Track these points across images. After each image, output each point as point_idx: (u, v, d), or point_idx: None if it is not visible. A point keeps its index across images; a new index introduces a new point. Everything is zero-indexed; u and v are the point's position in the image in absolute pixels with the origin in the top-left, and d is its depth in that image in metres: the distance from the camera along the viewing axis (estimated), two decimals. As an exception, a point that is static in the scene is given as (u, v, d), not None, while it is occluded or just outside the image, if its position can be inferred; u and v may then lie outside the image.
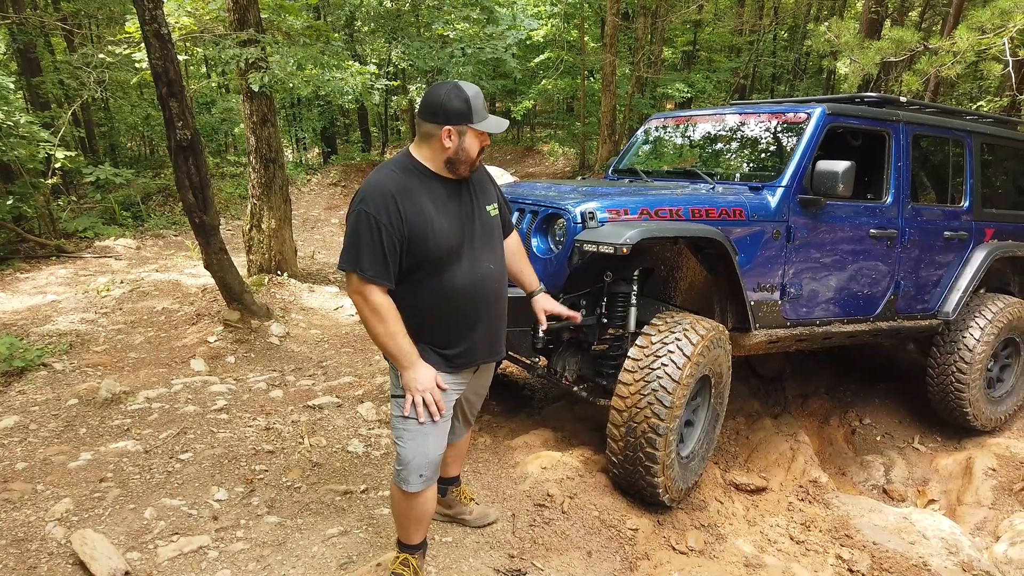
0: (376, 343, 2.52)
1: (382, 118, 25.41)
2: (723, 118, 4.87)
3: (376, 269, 2.40)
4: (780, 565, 3.36)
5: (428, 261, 2.50)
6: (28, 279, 8.59)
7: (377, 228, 2.39)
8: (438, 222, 2.50)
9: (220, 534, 3.06)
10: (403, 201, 2.43)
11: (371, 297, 2.42)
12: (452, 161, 2.51)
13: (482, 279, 2.63)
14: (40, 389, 4.66)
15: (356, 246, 2.40)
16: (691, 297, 4.14)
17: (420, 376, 2.50)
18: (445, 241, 2.50)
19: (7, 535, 2.98)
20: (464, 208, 2.60)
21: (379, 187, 2.44)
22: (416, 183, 2.50)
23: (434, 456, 2.62)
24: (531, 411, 4.84)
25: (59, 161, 9.72)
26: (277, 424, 4.13)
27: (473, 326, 2.64)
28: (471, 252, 2.59)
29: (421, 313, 2.55)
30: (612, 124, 15.24)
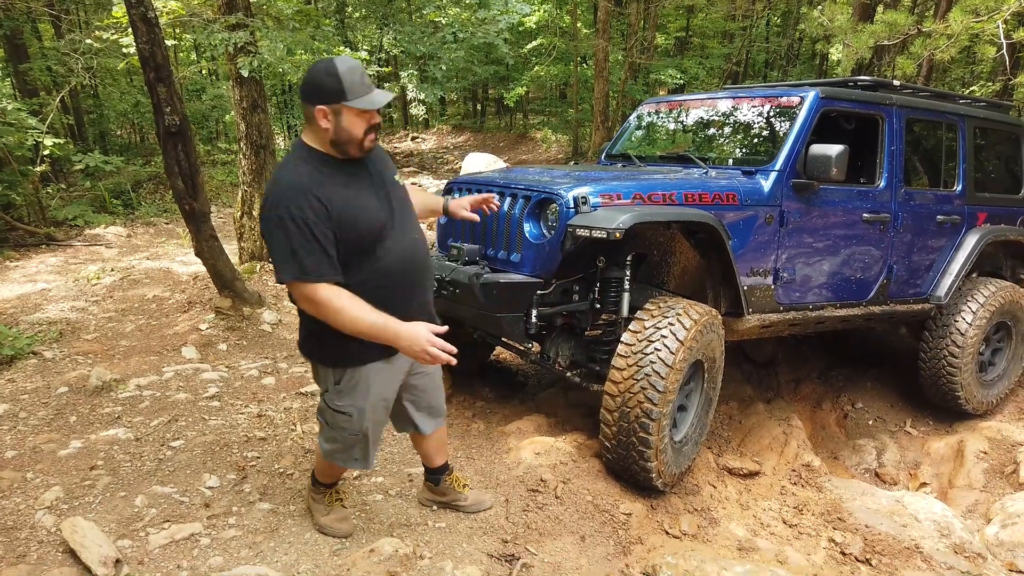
0: (351, 333, 2.41)
1: (374, 105, 25.27)
2: (716, 102, 4.85)
3: (320, 266, 2.33)
4: (773, 548, 3.37)
5: (359, 246, 2.44)
6: (18, 267, 8.52)
7: (305, 225, 2.30)
8: (359, 203, 2.45)
9: (212, 521, 3.04)
10: (320, 192, 2.35)
11: (322, 296, 2.34)
12: (335, 143, 2.42)
13: (412, 251, 2.61)
14: (30, 377, 4.63)
15: (290, 252, 2.31)
16: (684, 282, 4.14)
17: (415, 337, 2.35)
18: (372, 221, 2.46)
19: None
20: (375, 184, 2.54)
21: (292, 186, 2.35)
22: (322, 170, 2.42)
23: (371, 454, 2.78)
24: (524, 397, 4.84)
25: (48, 148, 9.62)
26: (269, 411, 4.11)
27: (410, 301, 2.61)
28: (395, 227, 2.55)
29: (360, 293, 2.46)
30: (605, 110, 15.19)
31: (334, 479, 3.06)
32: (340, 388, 2.61)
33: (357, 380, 2.60)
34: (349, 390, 2.61)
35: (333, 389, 2.63)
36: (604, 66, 14.85)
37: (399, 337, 2.36)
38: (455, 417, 4.39)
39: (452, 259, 3.87)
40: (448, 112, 27.98)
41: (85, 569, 2.66)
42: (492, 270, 3.71)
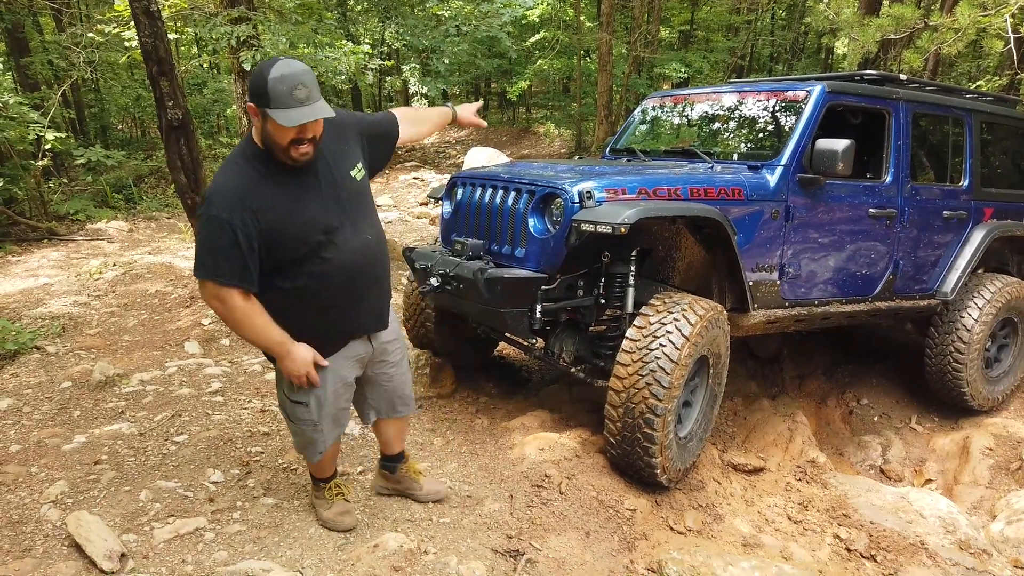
0: (249, 341, 2.58)
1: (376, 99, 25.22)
2: (721, 96, 4.82)
3: (233, 273, 2.33)
4: (778, 544, 3.36)
5: (296, 252, 2.43)
6: (20, 262, 8.52)
7: (231, 231, 2.29)
8: (297, 209, 2.41)
9: (216, 516, 3.04)
10: (253, 197, 2.33)
11: (230, 301, 2.36)
12: (266, 146, 2.37)
13: (363, 253, 2.59)
14: (33, 372, 4.63)
15: (210, 252, 2.33)
16: (689, 277, 4.12)
17: (298, 355, 2.49)
18: (309, 227, 2.43)
19: (2, 517, 2.95)
20: (323, 185, 2.49)
21: (226, 187, 2.34)
22: (262, 171, 2.39)
23: (330, 441, 2.83)
24: (528, 392, 4.83)
25: (49, 143, 9.62)
26: (272, 406, 4.10)
27: (357, 304, 2.63)
28: (345, 229, 2.52)
29: (304, 303, 2.51)
30: (609, 104, 15.16)
31: (328, 473, 3.06)
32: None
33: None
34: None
35: (285, 380, 2.66)
36: (608, 60, 14.81)
37: (287, 356, 2.50)
38: (458, 413, 4.38)
39: (456, 254, 3.86)
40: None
41: (90, 563, 2.66)
42: (496, 265, 3.70)
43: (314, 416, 2.71)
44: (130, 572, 2.65)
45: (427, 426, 4.11)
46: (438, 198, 4.50)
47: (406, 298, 4.84)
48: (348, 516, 3.02)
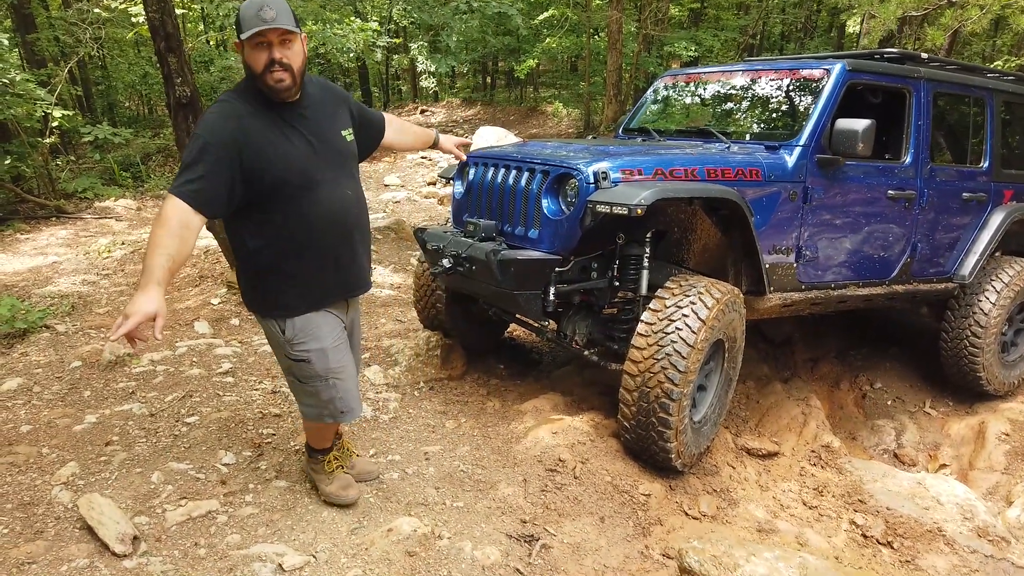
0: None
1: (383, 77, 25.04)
2: (738, 75, 4.73)
3: (189, 187, 2.32)
4: (793, 530, 3.33)
5: (279, 189, 2.47)
6: (28, 240, 8.51)
7: (210, 152, 2.34)
8: (279, 147, 2.47)
9: (229, 498, 3.02)
10: (239, 127, 2.40)
11: (165, 208, 2.32)
12: (251, 79, 2.47)
13: (342, 206, 2.64)
14: (43, 351, 4.61)
15: (184, 166, 2.36)
16: (704, 260, 4.06)
17: (143, 300, 2.17)
18: (289, 168, 2.48)
19: (13, 499, 2.94)
20: (307, 133, 2.55)
21: (216, 112, 2.41)
22: (252, 106, 2.46)
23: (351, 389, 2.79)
24: (539, 375, 4.80)
25: (57, 120, 9.56)
26: (284, 388, 4.07)
27: (328, 257, 2.65)
28: (326, 179, 2.58)
29: (286, 245, 2.55)
30: (618, 83, 14.98)
31: (327, 442, 3.03)
32: (289, 338, 2.65)
33: (302, 326, 2.64)
34: (300, 337, 2.64)
35: (285, 341, 2.66)
36: (618, 38, 14.61)
37: (144, 291, 2.20)
38: (469, 395, 4.35)
39: (468, 235, 3.81)
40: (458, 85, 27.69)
41: (103, 546, 2.64)
42: (509, 246, 3.64)
43: (319, 370, 2.69)
44: (143, 555, 2.64)
45: (438, 408, 4.08)
46: (449, 178, 4.44)
47: (416, 279, 4.80)
48: (351, 489, 3.01)
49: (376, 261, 7.51)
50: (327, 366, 2.70)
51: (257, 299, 2.68)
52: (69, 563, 2.57)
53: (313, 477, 3.08)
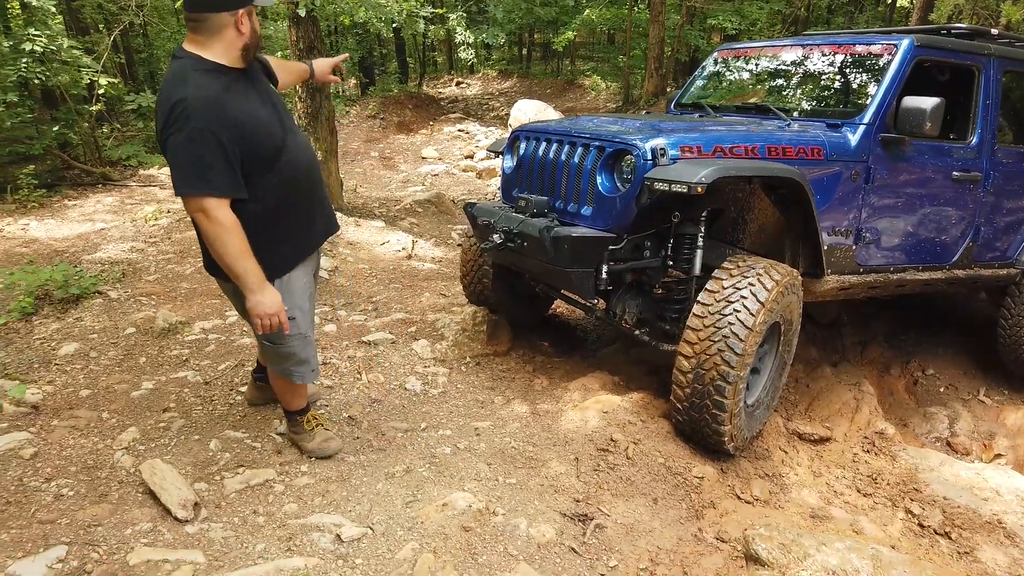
0: (223, 264, 2.50)
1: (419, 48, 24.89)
2: (798, 49, 4.59)
3: (227, 183, 2.40)
4: (847, 518, 3.28)
5: (266, 157, 2.54)
6: (76, 206, 8.65)
7: (216, 140, 2.35)
8: (258, 114, 2.53)
9: (284, 468, 3.05)
10: (227, 105, 2.40)
11: (219, 214, 2.39)
12: (247, 47, 2.50)
13: (308, 156, 2.77)
14: (97, 317, 4.69)
15: (198, 166, 2.35)
16: (760, 240, 3.98)
17: (269, 300, 2.53)
18: (272, 132, 2.56)
19: (77, 462, 3.01)
20: (264, 95, 2.64)
21: (204, 99, 2.36)
22: (226, 83, 2.45)
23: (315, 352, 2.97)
24: (585, 353, 4.77)
25: (102, 87, 9.64)
26: (334, 359, 4.10)
27: (317, 198, 2.82)
28: (289, 133, 2.67)
29: (276, 207, 2.61)
30: (659, 57, 14.73)
31: (303, 400, 3.12)
32: None
33: (288, 284, 2.74)
34: (286, 295, 2.70)
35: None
36: (660, 10, 14.34)
37: (258, 292, 2.51)
38: (516, 371, 4.34)
39: (519, 210, 3.77)
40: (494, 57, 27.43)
41: (165, 511, 2.69)
42: (560, 223, 3.60)
43: (302, 328, 2.82)
44: (204, 521, 2.68)
45: (486, 384, 4.08)
46: (499, 152, 4.39)
47: (463, 253, 4.78)
48: (332, 441, 3.16)
49: (417, 234, 7.51)
50: (307, 322, 2.86)
51: None
52: (133, 526, 2.62)
53: (295, 439, 3.17)
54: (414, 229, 7.70)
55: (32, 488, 2.83)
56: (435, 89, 23.03)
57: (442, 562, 2.50)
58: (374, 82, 21.46)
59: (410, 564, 2.48)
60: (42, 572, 2.36)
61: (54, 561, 2.41)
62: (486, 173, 11.47)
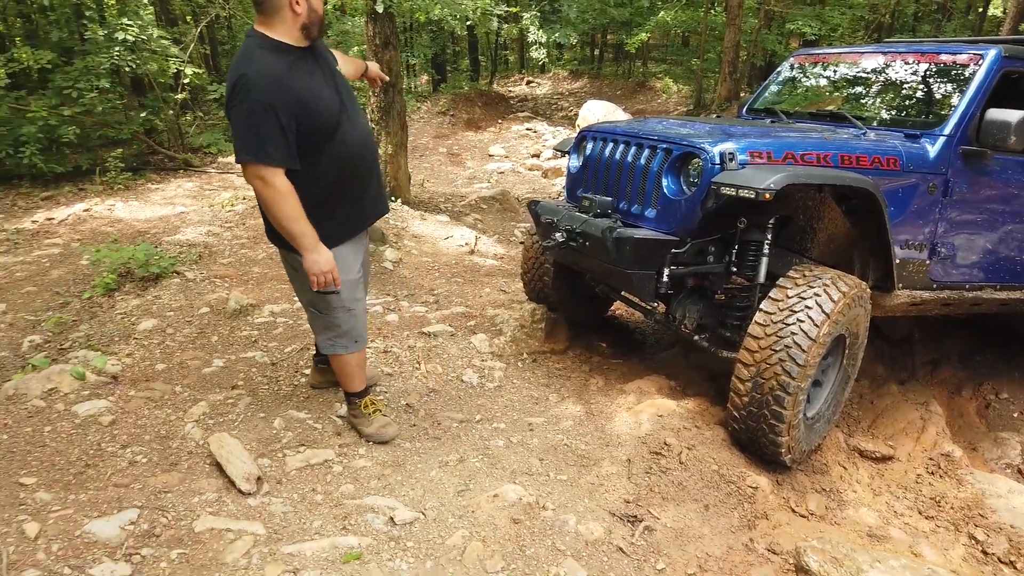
0: (279, 226, 2.69)
1: (492, 47, 25.06)
2: (877, 57, 4.47)
3: (281, 154, 2.56)
4: (906, 540, 3.18)
5: (322, 132, 2.68)
6: (158, 190, 9.04)
7: (274, 113, 2.50)
8: (319, 92, 2.67)
9: (343, 450, 3.15)
10: (288, 81, 2.55)
11: (276, 181, 2.57)
12: (307, 27, 2.64)
13: (364, 135, 2.90)
14: (174, 296, 4.91)
15: (257, 135, 2.51)
16: (829, 250, 3.88)
17: (323, 259, 2.72)
18: (330, 108, 2.70)
19: (151, 431, 3.17)
20: (327, 73, 2.77)
21: (265, 74, 2.52)
22: (288, 61, 2.60)
23: (363, 319, 3.11)
24: (643, 356, 4.75)
25: (188, 77, 10.05)
26: (394, 348, 4.20)
27: (368, 182, 2.95)
28: (348, 113, 2.80)
29: (329, 183, 2.76)
30: (734, 61, 14.47)
31: (360, 383, 3.24)
32: None
33: (337, 259, 2.83)
34: None
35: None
36: (737, 13, 14.09)
37: (313, 251, 2.70)
38: (572, 370, 4.36)
39: (583, 210, 3.78)
40: (565, 57, 27.41)
41: (230, 483, 2.82)
42: (624, 224, 3.60)
43: (346, 301, 2.98)
44: (265, 495, 2.80)
45: (542, 381, 4.11)
46: (565, 151, 4.41)
47: (525, 251, 4.82)
48: (390, 427, 3.27)
49: (480, 230, 7.59)
50: (352, 295, 2.99)
51: None
52: (200, 495, 2.75)
53: (354, 423, 3.30)
54: (478, 225, 7.78)
55: (109, 453, 3.00)
56: (505, 87, 23.16)
57: (490, 551, 2.55)
58: (445, 79, 21.73)
59: (459, 551, 2.54)
60: (115, 532, 2.51)
61: (126, 523, 2.55)
62: (552, 172, 11.48)
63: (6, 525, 2.52)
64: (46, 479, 2.80)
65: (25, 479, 2.79)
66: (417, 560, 2.50)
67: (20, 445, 3.03)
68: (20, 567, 2.33)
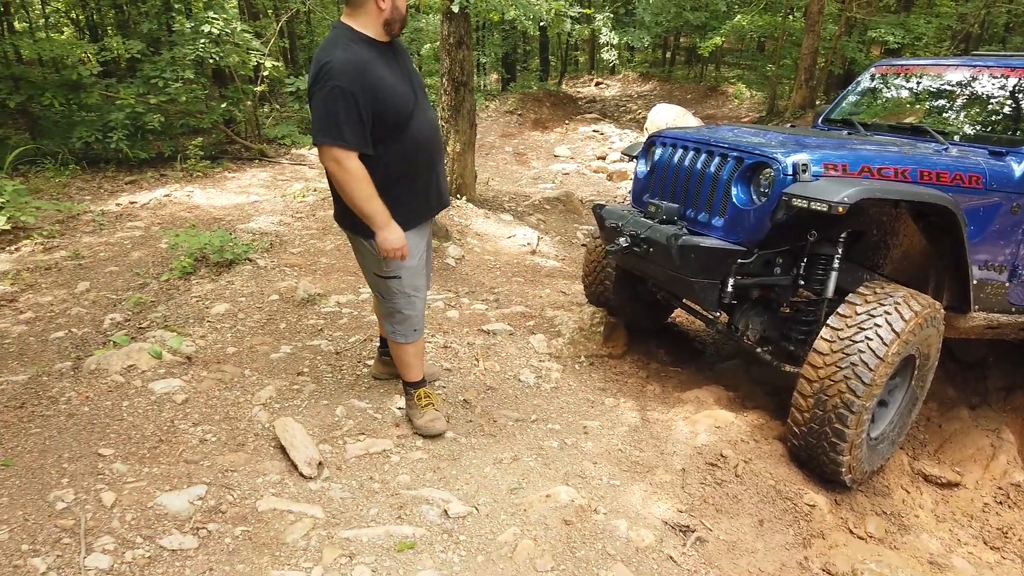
0: (354, 206, 2.81)
1: (562, 47, 25.04)
2: (965, 69, 4.31)
3: (356, 138, 2.70)
4: (969, 570, 3.08)
5: (396, 123, 2.81)
6: (234, 179, 9.36)
7: (353, 100, 2.65)
8: (395, 85, 2.81)
9: (401, 441, 3.23)
10: (368, 71, 2.70)
11: (349, 164, 2.71)
12: (389, 22, 2.81)
13: (433, 129, 3.04)
14: (246, 282, 5.09)
15: (335, 119, 2.65)
16: (903, 268, 3.78)
17: (395, 236, 2.87)
18: (404, 101, 2.83)
19: (220, 411, 3.31)
20: (404, 68, 2.92)
21: (347, 62, 2.66)
22: (370, 53, 2.76)
23: (422, 309, 3.22)
24: (701, 365, 4.70)
25: (267, 70, 10.37)
26: (454, 344, 4.27)
27: (434, 172, 3.07)
28: (420, 106, 2.93)
29: (397, 172, 2.88)
30: (811, 68, 14.12)
31: (418, 374, 3.34)
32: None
33: None
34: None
35: (379, 258, 2.99)
36: (817, 19, 13.74)
37: (385, 228, 2.85)
38: (629, 376, 4.35)
39: (649, 216, 3.76)
40: (636, 59, 27.19)
41: (292, 466, 2.92)
42: (690, 232, 3.57)
43: (407, 288, 3.10)
44: (325, 480, 2.89)
45: (598, 385, 4.11)
46: (633, 156, 4.39)
47: (588, 254, 4.82)
48: (438, 422, 3.33)
49: (543, 231, 7.62)
50: (413, 283, 3.11)
51: (360, 222, 2.92)
52: (263, 476, 2.86)
53: (409, 413, 3.39)
54: (540, 225, 7.81)
55: (181, 430, 3.14)
56: (574, 88, 23.12)
57: (541, 550, 2.57)
58: (515, 78, 21.82)
59: (510, 548, 2.57)
60: (184, 506, 2.63)
61: (195, 498, 2.68)
62: (617, 175, 11.42)
63: (85, 493, 2.67)
64: (123, 451, 2.96)
65: (103, 450, 2.95)
66: (469, 554, 2.54)
67: (100, 418, 3.20)
68: (96, 533, 2.47)
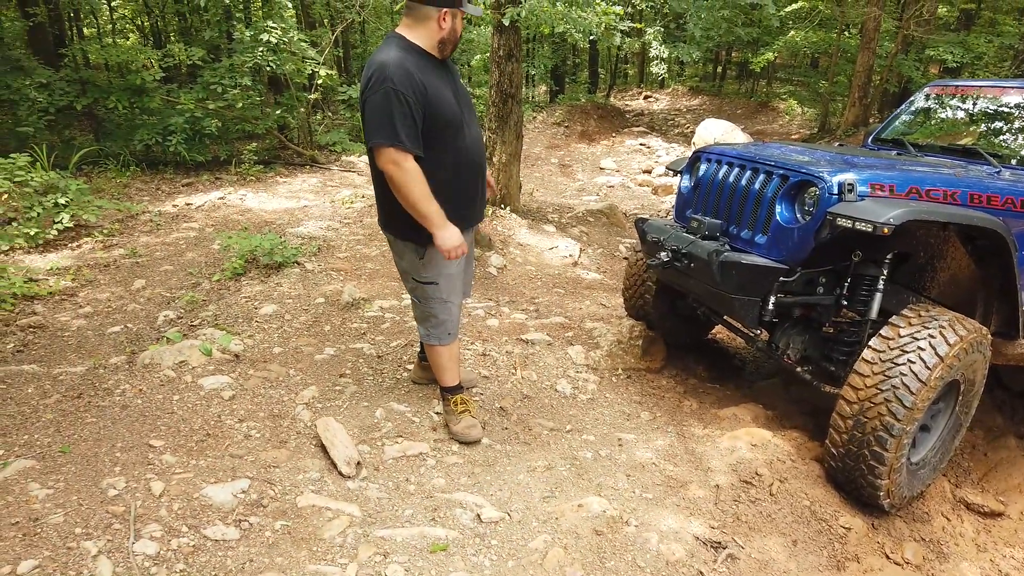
0: (409, 207, 2.86)
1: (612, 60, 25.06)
2: (1022, 92, 4.22)
3: (411, 139, 2.77)
4: (1012, 602, 3.01)
5: (443, 131, 2.89)
6: (285, 183, 9.60)
7: (407, 102, 2.73)
8: (444, 94, 2.90)
9: (437, 445, 3.29)
10: (420, 77, 2.78)
11: (407, 165, 2.77)
12: (444, 42, 2.92)
13: (477, 142, 3.11)
14: (293, 284, 5.23)
15: (390, 121, 2.73)
16: (949, 291, 3.71)
17: (450, 235, 2.92)
18: (452, 111, 2.91)
19: (265, 408, 3.42)
20: (452, 83, 3.01)
21: (400, 66, 2.75)
22: (423, 63, 2.85)
23: (457, 315, 3.28)
24: (740, 383, 4.67)
25: (321, 78, 10.62)
26: (493, 352, 4.33)
27: (477, 186, 3.14)
28: (466, 120, 3.02)
29: (441, 180, 2.93)
30: (865, 86, 13.89)
31: (454, 379, 3.41)
32: (424, 261, 3.10)
33: (434, 253, 3.04)
34: (431, 262, 3.09)
35: (419, 263, 3.10)
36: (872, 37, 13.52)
37: (443, 227, 2.90)
38: (666, 390, 4.35)
39: (691, 231, 3.77)
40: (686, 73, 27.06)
41: (332, 464, 3.01)
42: (732, 249, 3.57)
43: (443, 293, 3.18)
44: (363, 480, 2.97)
45: (634, 398, 4.12)
46: (678, 170, 4.40)
47: (629, 267, 4.84)
48: (475, 429, 3.37)
49: (585, 243, 7.65)
50: (450, 288, 3.18)
51: (403, 225, 3.00)
52: (304, 473, 2.95)
53: (446, 419, 3.45)
54: (583, 238, 7.84)
55: (228, 426, 3.26)
56: (622, 101, 23.12)
57: (571, 559, 2.60)
58: (563, 90, 21.91)
59: (541, 555, 2.61)
60: (228, 499, 2.73)
61: (238, 491, 2.78)
62: (662, 190, 11.39)
63: (136, 481, 2.80)
64: (172, 443, 3.08)
65: (154, 441, 3.08)
66: (500, 559, 2.59)
67: (152, 410, 3.34)
68: (145, 520, 2.59)
